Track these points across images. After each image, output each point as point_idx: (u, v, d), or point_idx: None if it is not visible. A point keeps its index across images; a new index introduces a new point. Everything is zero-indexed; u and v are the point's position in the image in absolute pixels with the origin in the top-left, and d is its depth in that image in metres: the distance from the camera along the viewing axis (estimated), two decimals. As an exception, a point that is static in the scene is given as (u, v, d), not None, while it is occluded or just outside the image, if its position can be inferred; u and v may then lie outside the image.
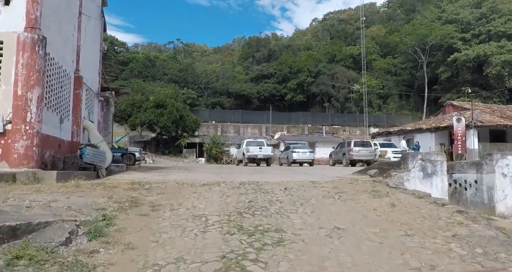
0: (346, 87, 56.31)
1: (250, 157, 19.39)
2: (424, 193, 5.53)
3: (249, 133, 42.10)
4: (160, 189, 5.56)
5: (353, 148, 18.65)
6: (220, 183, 5.93)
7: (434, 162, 6.34)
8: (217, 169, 14.89)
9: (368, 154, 18.80)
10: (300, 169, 14.92)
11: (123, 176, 8.24)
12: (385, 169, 7.00)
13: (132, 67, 58.16)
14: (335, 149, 21.82)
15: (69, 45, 10.21)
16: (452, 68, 49.92)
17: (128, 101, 31.71)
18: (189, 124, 31.95)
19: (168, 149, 33.00)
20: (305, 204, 4.85)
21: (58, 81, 9.24)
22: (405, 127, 25.01)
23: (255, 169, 14.74)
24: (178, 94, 34.59)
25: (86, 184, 5.69)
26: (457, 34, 49.54)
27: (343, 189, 5.66)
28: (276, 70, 57.26)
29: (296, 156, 19.94)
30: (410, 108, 57.73)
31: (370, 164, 20.62)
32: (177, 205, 4.78)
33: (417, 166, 6.31)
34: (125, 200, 4.78)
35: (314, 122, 47.80)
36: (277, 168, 15.83)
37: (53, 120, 9.01)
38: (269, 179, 6.94)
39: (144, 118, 30.25)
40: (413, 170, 6.30)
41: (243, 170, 13.47)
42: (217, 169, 14.14)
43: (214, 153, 31.39)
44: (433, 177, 6.32)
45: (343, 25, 72.30)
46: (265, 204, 4.78)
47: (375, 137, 27.30)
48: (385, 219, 4.24)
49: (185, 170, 13.41)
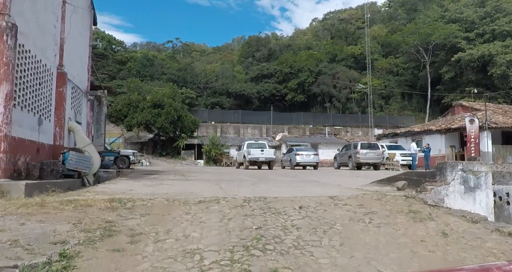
0: (347, 87, 55.36)
1: (252, 160, 18.31)
2: (477, 215, 4.45)
3: (249, 134, 41.00)
4: (145, 208, 4.47)
5: (359, 150, 17.59)
6: (219, 199, 4.83)
7: (477, 173, 5.26)
8: (216, 173, 13.80)
9: (375, 156, 17.73)
10: (307, 174, 13.82)
11: (108, 186, 7.15)
12: (415, 180, 5.92)
13: (130, 66, 57.06)
14: (340, 151, 20.77)
15: (50, 37, 9.11)
16: (456, 68, 48.95)
17: (124, 101, 30.51)
18: (187, 125, 30.74)
19: (166, 150, 31.79)
20: (329, 231, 3.77)
21: (35, 77, 8.15)
22: (412, 128, 23.91)
23: (258, 173, 13.64)
24: (176, 94, 33.38)
25: (53, 201, 4.59)
26: (461, 33, 48.61)
27: (372, 208, 4.58)
28: (277, 70, 56.25)
29: (299, 158, 18.88)
30: (412, 108, 56.78)
31: (377, 168, 19.64)
32: (164, 233, 3.69)
33: (457, 178, 5.22)
34: (97, 227, 3.69)
35: (315, 123, 46.78)
36: (281, 173, 14.74)
37: (30, 122, 7.91)
38: (277, 192, 5.86)
39: (141, 118, 29.04)
40: (452, 183, 5.21)
41: (245, 175, 12.39)
42: (216, 174, 13.05)
43: (214, 155, 30.23)
44: (476, 191, 5.24)
45: (343, 25, 71.36)
46: (278, 232, 3.70)
47: (380, 138, 26.21)
48: (443, 258, 3.18)
49: (182, 175, 12.31)
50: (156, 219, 4.11)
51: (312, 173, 15.50)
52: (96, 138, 14.97)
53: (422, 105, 55.87)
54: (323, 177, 11.55)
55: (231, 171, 17.70)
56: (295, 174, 13.75)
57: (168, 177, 10.99)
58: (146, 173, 13.63)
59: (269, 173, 14.35)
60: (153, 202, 4.67)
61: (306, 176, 11.84)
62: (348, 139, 34.91)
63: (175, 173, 13.60)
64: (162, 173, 13.50)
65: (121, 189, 6.53)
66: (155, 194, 5.48)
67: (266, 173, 14.38)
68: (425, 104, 54.83)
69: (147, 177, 11.09)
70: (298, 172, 16.44)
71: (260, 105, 54.28)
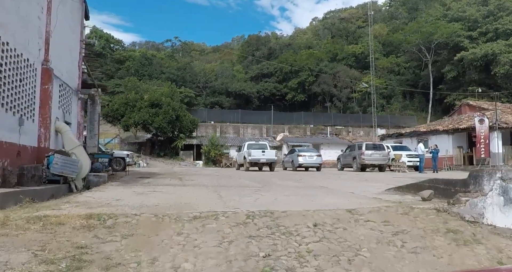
0: (348, 86, 54.69)
1: (252, 161, 17.55)
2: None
3: (249, 134, 40.23)
4: (129, 226, 3.70)
5: (364, 151, 16.85)
6: (218, 214, 4.07)
7: (519, 182, 4.51)
8: (215, 176, 13.05)
9: (381, 158, 16.99)
10: (312, 177, 13.07)
11: (94, 195, 6.41)
12: (442, 189, 5.17)
13: (129, 65, 56.28)
14: (344, 152, 20.03)
15: (34, 29, 8.34)
16: (458, 68, 48.31)
17: (121, 100, 29.66)
18: (186, 124, 29.90)
19: (164, 151, 30.89)
20: (355, 260, 3.02)
21: (16, 73, 7.38)
22: (418, 128, 23.13)
23: (260, 176, 12.88)
24: (174, 93, 32.52)
25: (19, 218, 3.82)
26: (463, 32, 47.92)
27: (400, 226, 3.83)
28: (277, 69, 55.52)
29: (302, 160, 18.13)
30: (414, 108, 56.11)
31: (382, 169, 18.90)
32: (148, 263, 2.93)
33: (496, 188, 4.47)
34: (64, 255, 2.93)
35: (316, 122, 46.07)
36: (284, 175, 13.98)
37: (8, 122, 7.15)
38: (285, 203, 5.10)
39: (138, 118, 28.03)
40: (490, 194, 4.46)
41: (246, 179, 11.63)
42: (215, 177, 12.29)
43: (213, 156, 29.26)
44: (518, 204, 4.49)
45: (344, 24, 70.69)
46: (291, 263, 2.94)
47: (384, 138, 25.44)
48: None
49: (178, 178, 11.54)
50: (141, 242, 3.35)
51: (316, 175, 14.77)
52: (89, 138, 14.21)
53: (424, 105, 55.25)
54: (329, 181, 10.82)
55: (231, 173, 16.95)
56: (299, 177, 13.00)
57: (164, 181, 10.23)
58: (141, 175, 12.87)
59: (271, 176, 13.60)
60: (138, 219, 3.90)
61: (312, 180, 11.10)
62: (351, 139, 34.12)
63: (171, 176, 12.85)
64: (157, 176, 12.74)
65: (107, 198, 5.77)
66: (143, 206, 4.73)
67: (268, 176, 13.63)
68: (427, 104, 54.22)
69: (141, 181, 10.33)
70: (302, 174, 15.69)
71: (260, 104, 53.60)
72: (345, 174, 15.78)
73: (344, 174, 15.78)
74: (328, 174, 16.25)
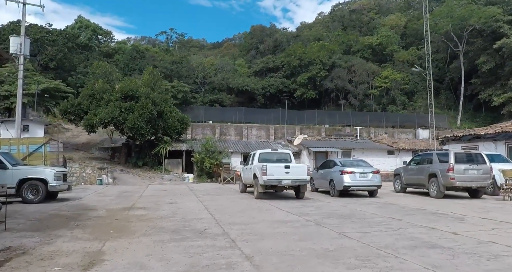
0: (365, 82, 48.14)
1: (269, 183, 10.67)
2: None
3: (254, 135, 33.68)
4: None
5: (454, 165, 10.19)
6: None
7: None
8: (207, 212, 6.59)
9: (480, 176, 10.38)
10: (398, 222, 6.50)
11: None
12: None
13: (118, 59, 49.86)
14: (407, 165, 13.00)
15: None
16: (496, 58, 41.61)
17: (86, 91, 22.18)
18: (172, 124, 22.27)
19: (143, 159, 23.45)
20: None
21: None
22: (506, 126, 15.87)
23: (292, 221, 6.43)
24: (157, 81, 24.38)
25: None
26: (503, 16, 41.26)
27: None
28: (284, 63, 49.09)
29: (350, 179, 11.19)
30: (440, 106, 49.49)
31: (477, 195, 11.30)
32: None
33: None
34: None
35: (331, 122, 39.57)
36: (339, 216, 7.47)
37: None
38: None
39: (104, 115, 20.77)
40: None
41: (268, 231, 5.19)
42: (208, 220, 5.84)
43: (208, 166, 21.90)
44: None
45: (356, 15, 64.21)
46: None
47: (444, 142, 18.63)
48: None
49: (129, 232, 5.13)
50: None
51: (394, 214, 8.26)
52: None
53: (451, 102, 48.70)
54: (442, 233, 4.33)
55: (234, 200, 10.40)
56: (379, 219, 6.47)
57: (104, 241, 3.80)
58: (73, 216, 6.42)
59: (313, 218, 7.11)
60: None
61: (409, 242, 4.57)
62: (391, 143, 27.10)
63: (120, 219, 6.39)
64: (87, 224, 6.29)
65: None
66: None
67: (308, 221, 7.14)
68: (455, 101, 47.73)
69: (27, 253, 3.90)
70: (355, 205, 9.19)
71: (265, 102, 47.15)
72: (422, 202, 9.21)
73: (425, 203, 9.21)
74: (395, 206, 9.67)
